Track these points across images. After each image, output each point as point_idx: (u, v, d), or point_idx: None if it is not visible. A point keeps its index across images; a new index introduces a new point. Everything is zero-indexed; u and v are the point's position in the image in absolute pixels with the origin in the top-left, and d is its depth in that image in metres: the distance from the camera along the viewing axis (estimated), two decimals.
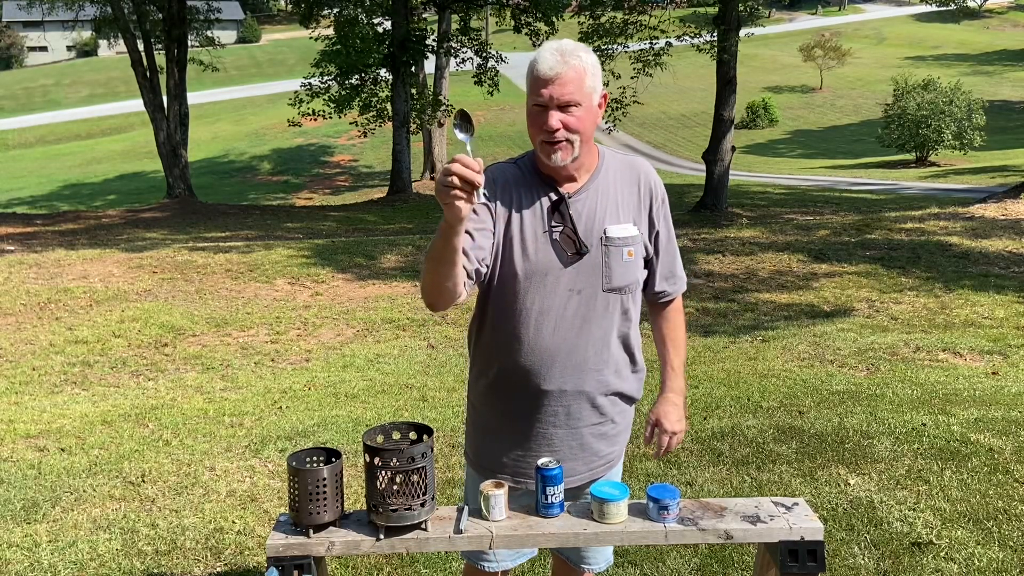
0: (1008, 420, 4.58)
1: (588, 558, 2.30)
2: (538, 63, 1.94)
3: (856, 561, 3.18)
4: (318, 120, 21.72)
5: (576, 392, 2.09)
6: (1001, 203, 12.49)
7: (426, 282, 1.94)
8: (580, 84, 1.94)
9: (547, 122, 1.94)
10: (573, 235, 2.03)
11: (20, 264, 10.04)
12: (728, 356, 6.53)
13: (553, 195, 2.05)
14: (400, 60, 20.35)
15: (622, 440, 2.26)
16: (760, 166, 32.38)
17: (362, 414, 5.21)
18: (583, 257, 2.03)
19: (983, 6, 69.30)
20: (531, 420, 2.11)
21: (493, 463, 2.16)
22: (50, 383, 6.30)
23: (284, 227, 15.98)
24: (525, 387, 2.08)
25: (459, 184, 1.67)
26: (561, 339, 2.05)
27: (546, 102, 1.94)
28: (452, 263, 1.85)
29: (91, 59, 67.13)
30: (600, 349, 2.09)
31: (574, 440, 2.13)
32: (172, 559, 3.37)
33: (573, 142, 1.97)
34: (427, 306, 2.00)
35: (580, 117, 1.96)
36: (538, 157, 2.06)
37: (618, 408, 2.19)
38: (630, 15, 16.94)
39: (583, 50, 1.97)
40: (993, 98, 40.56)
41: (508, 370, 2.09)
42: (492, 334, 2.12)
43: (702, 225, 13.61)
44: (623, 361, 2.17)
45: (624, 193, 2.11)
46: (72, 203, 28.77)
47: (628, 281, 2.09)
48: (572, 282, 2.04)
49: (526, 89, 2.01)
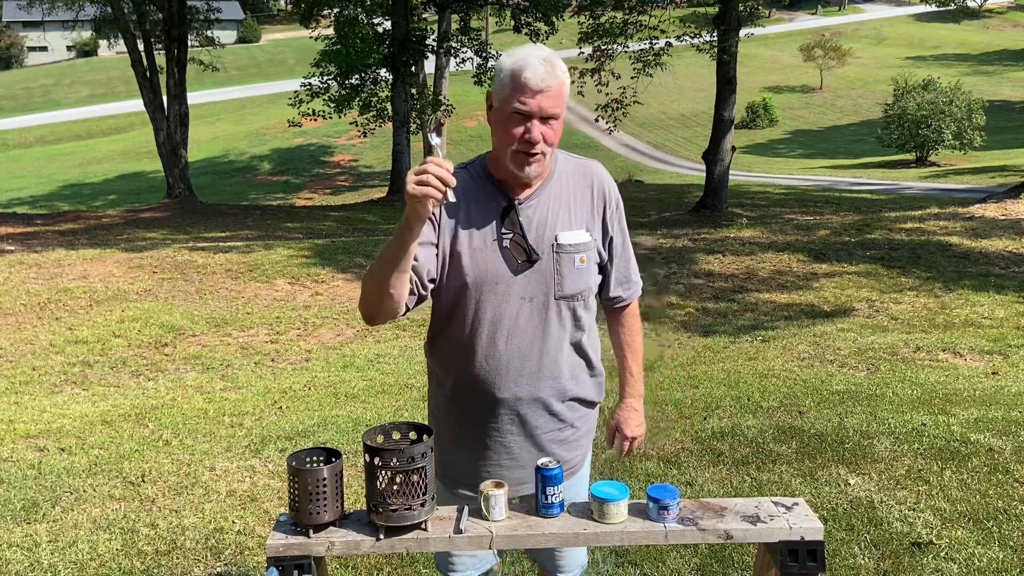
0: (1008, 420, 4.58)
1: (561, 565, 2.27)
2: (527, 71, 1.89)
3: (856, 561, 3.18)
4: (318, 120, 21.72)
5: (532, 399, 2.07)
6: (1001, 203, 12.49)
7: (370, 290, 1.93)
8: (562, 97, 1.93)
9: (530, 133, 1.91)
10: (523, 242, 2.00)
11: (20, 264, 10.04)
12: (728, 356, 6.53)
13: (504, 201, 2.02)
14: (400, 60, 20.35)
15: (584, 444, 2.23)
16: (760, 166, 32.38)
17: (362, 414, 5.22)
18: (534, 264, 2.01)
19: (983, 6, 69.27)
20: (488, 429, 2.09)
21: (455, 473, 2.14)
22: (50, 383, 6.30)
23: (284, 227, 15.98)
24: (481, 396, 2.07)
25: (436, 183, 1.72)
26: (515, 347, 2.03)
27: (532, 112, 1.90)
28: (403, 270, 1.87)
29: (91, 59, 67.12)
30: (555, 356, 2.07)
31: (533, 447, 2.11)
32: (172, 559, 3.37)
33: (547, 154, 1.96)
34: (364, 318, 2.00)
35: (556, 129, 1.95)
36: (492, 161, 2.03)
37: (578, 413, 2.17)
38: (630, 15, 16.91)
39: (561, 60, 1.96)
40: (993, 98, 40.55)
41: (463, 380, 2.08)
42: (446, 344, 2.10)
43: (702, 225, 13.61)
44: (579, 366, 2.15)
45: (577, 198, 2.08)
46: (72, 203, 28.77)
47: (580, 288, 2.07)
48: (523, 290, 2.02)
49: (498, 91, 1.95)
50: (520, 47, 1.99)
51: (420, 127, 23.39)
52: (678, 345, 7.01)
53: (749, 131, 40.75)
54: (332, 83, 21.11)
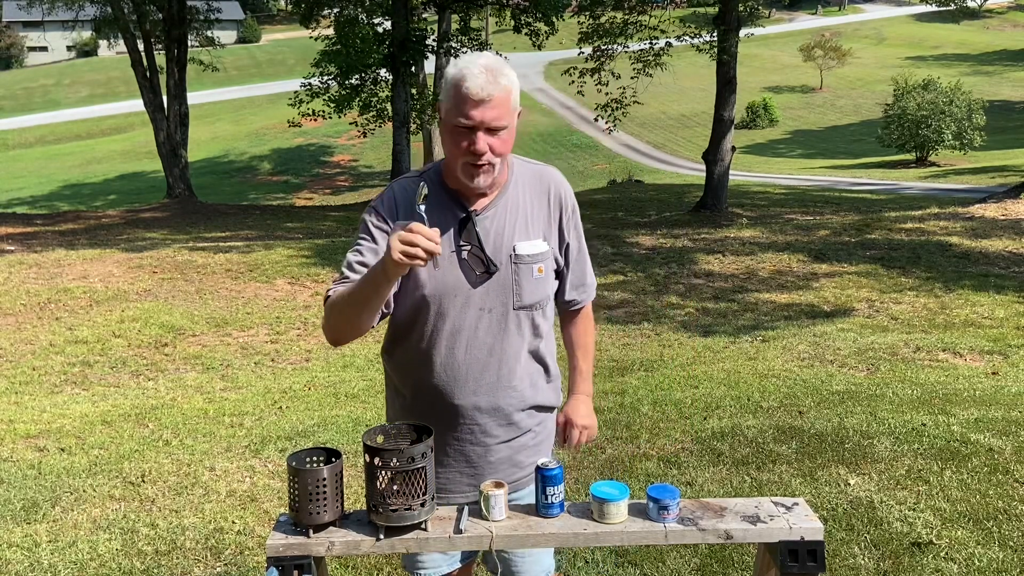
0: (1008, 420, 4.58)
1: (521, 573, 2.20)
2: (467, 81, 1.86)
3: (856, 561, 3.18)
4: (318, 120, 21.73)
5: (491, 408, 2.06)
6: (1001, 203, 12.49)
7: (340, 323, 1.97)
8: (508, 106, 1.90)
9: (475, 145, 1.89)
10: (481, 254, 1.99)
11: (20, 264, 10.04)
12: (728, 356, 6.53)
13: (460, 212, 2.01)
14: (400, 60, 20.35)
15: (545, 449, 2.22)
16: (760, 166, 32.37)
17: (362, 414, 5.22)
18: (492, 276, 2.00)
19: (983, 6, 69.25)
20: (447, 437, 2.08)
21: None
22: (50, 383, 6.30)
23: (284, 227, 15.98)
24: (439, 405, 2.06)
25: (422, 255, 1.73)
26: (473, 358, 2.03)
27: (475, 125, 1.88)
28: (376, 309, 1.92)
29: (91, 59, 67.10)
30: (513, 365, 2.06)
31: (492, 456, 2.10)
32: (172, 559, 3.37)
33: (496, 164, 1.94)
34: (330, 342, 2.04)
35: (505, 140, 1.93)
36: (447, 171, 2.02)
37: (536, 419, 2.16)
38: (630, 15, 16.92)
39: (507, 66, 1.93)
40: (993, 98, 40.54)
41: (422, 389, 2.08)
42: (403, 354, 2.10)
43: (702, 225, 13.61)
44: (537, 373, 2.14)
45: (533, 206, 2.07)
46: (72, 203, 28.77)
47: (539, 298, 2.07)
48: (482, 301, 2.01)
49: (444, 101, 1.92)
50: (465, 55, 1.96)
51: (420, 127, 23.40)
52: (678, 345, 7.01)
53: (749, 131, 40.72)
54: (332, 83, 21.11)
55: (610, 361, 6.45)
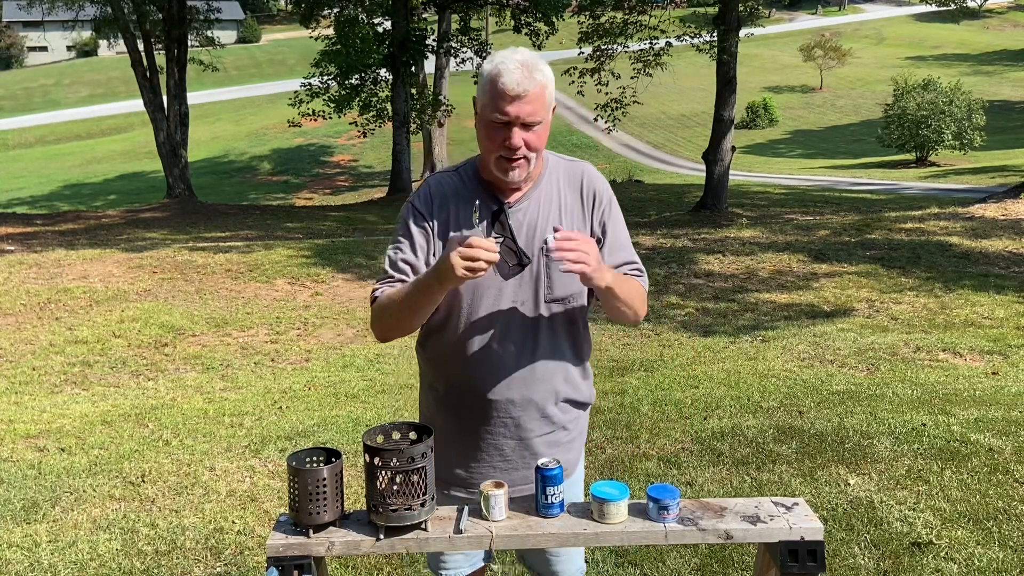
0: (1008, 420, 4.58)
1: (559, 572, 2.25)
2: (503, 77, 1.87)
3: (856, 561, 3.18)
4: (318, 120, 21.73)
5: (525, 402, 2.07)
6: (1001, 203, 12.49)
7: (389, 324, 2.03)
8: (543, 101, 1.92)
9: (510, 140, 1.90)
10: (513, 246, 2.00)
11: (20, 264, 10.04)
12: (728, 356, 6.53)
13: (493, 204, 2.02)
14: (400, 60, 20.36)
15: (577, 447, 2.22)
16: (760, 166, 32.38)
17: (362, 414, 5.22)
18: (524, 268, 2.01)
19: (983, 6, 69.25)
20: (481, 432, 2.09)
21: (447, 476, 2.13)
22: (50, 383, 6.30)
23: (284, 227, 15.98)
24: (474, 399, 2.07)
25: (482, 267, 1.78)
26: (507, 351, 2.03)
27: (511, 120, 1.89)
28: (428, 314, 1.98)
29: (91, 59, 67.10)
30: (547, 358, 2.07)
31: (526, 450, 2.10)
32: (172, 559, 3.37)
33: (531, 159, 1.95)
34: (379, 340, 2.11)
35: (540, 134, 1.94)
36: (483, 166, 2.03)
37: (569, 415, 2.16)
38: (630, 15, 16.92)
39: (542, 62, 1.94)
40: (993, 98, 40.54)
41: (456, 383, 2.09)
42: (437, 347, 2.11)
43: (702, 225, 13.61)
44: (570, 367, 2.13)
45: (568, 200, 2.08)
46: (72, 203, 28.76)
47: (571, 291, 2.06)
48: (515, 294, 2.02)
49: (480, 96, 1.94)
50: (501, 51, 1.97)
51: (420, 127, 23.40)
52: (678, 345, 7.01)
53: (749, 131, 40.73)
54: (332, 83, 21.11)
55: (610, 361, 6.45)
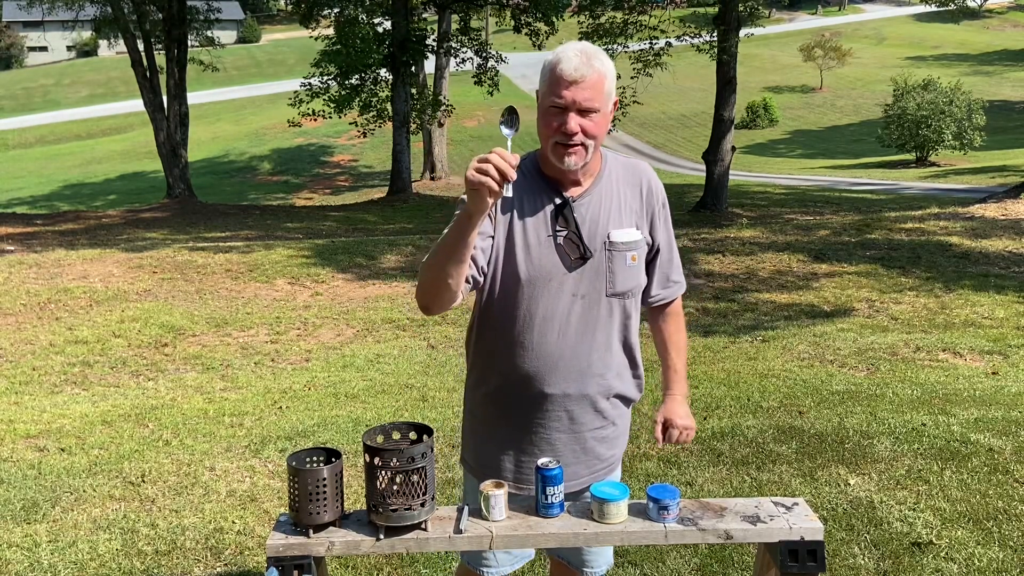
0: (1008, 420, 4.58)
1: (589, 561, 2.28)
2: (562, 63, 1.90)
3: (856, 561, 3.18)
4: (318, 120, 21.71)
5: (579, 396, 2.08)
6: (1001, 203, 12.49)
7: (428, 279, 1.90)
8: (601, 89, 1.92)
9: (566, 124, 1.91)
10: (577, 240, 2.01)
11: (20, 264, 10.04)
12: (728, 356, 6.53)
13: (557, 199, 2.03)
14: (400, 60, 20.35)
15: (621, 443, 2.25)
16: (760, 166, 32.38)
17: (362, 414, 5.21)
18: (587, 262, 2.02)
19: (983, 6, 69.27)
20: (534, 425, 2.10)
21: (496, 469, 2.14)
22: (50, 383, 6.30)
23: (284, 227, 15.98)
24: (529, 392, 2.07)
25: (495, 174, 1.69)
26: (565, 344, 2.04)
27: (567, 104, 1.90)
28: (462, 260, 1.85)
29: (91, 59, 67.12)
30: (603, 353, 2.08)
31: (577, 444, 2.12)
32: (172, 559, 3.37)
33: (588, 147, 1.95)
34: (421, 308, 1.97)
35: (597, 122, 1.94)
36: (543, 158, 2.04)
37: (618, 411, 2.19)
38: (630, 15, 16.93)
39: (603, 53, 1.96)
40: (993, 98, 40.56)
41: (511, 375, 2.08)
42: (493, 339, 2.10)
43: (702, 225, 13.61)
44: (624, 364, 2.16)
45: (627, 196, 2.09)
46: (72, 203, 28.76)
47: (631, 286, 2.08)
48: (576, 287, 2.03)
49: (540, 87, 1.97)
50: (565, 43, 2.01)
51: (420, 127, 23.40)
52: None
53: (749, 131, 40.74)
54: (332, 83, 21.10)
55: None
